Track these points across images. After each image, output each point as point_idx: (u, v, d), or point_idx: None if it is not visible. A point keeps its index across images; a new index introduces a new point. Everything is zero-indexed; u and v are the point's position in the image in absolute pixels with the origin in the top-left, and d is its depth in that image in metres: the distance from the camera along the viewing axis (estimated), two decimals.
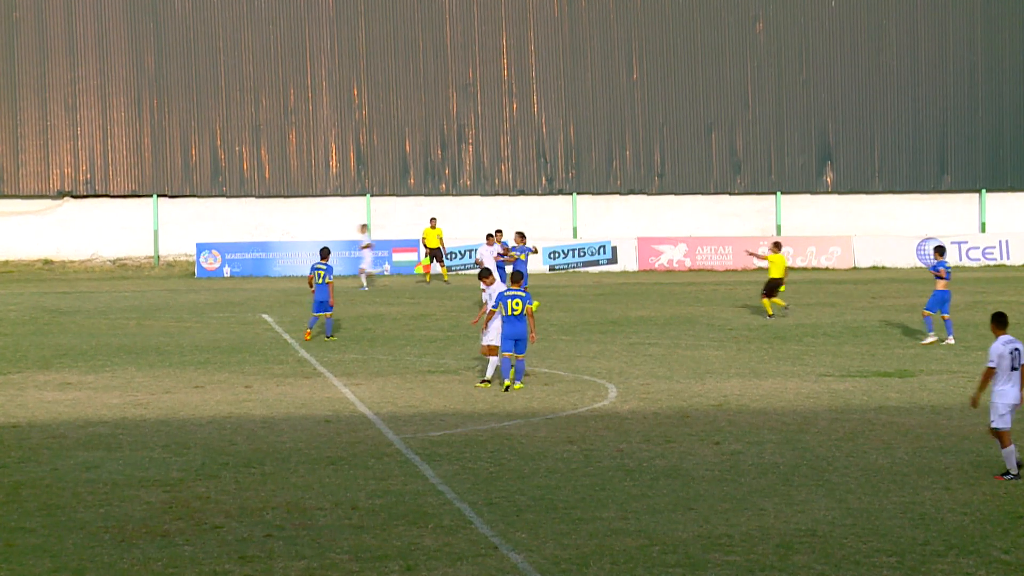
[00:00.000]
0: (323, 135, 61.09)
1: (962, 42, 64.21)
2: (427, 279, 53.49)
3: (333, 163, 61.15)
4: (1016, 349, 18.47)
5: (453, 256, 57.32)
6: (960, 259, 61.13)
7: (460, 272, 56.68)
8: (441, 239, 54.14)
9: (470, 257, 57.08)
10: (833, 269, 60.04)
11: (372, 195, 61.43)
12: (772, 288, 39.44)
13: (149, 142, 60.26)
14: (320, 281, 34.54)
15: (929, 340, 33.42)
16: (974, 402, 18.79)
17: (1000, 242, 61.94)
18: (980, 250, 61.60)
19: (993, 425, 18.60)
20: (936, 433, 21.92)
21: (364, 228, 54.35)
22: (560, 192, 62.44)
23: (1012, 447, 18.57)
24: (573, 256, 59.81)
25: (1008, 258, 61.59)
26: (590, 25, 62.40)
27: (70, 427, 22.78)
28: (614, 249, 60.00)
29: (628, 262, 59.96)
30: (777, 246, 40.80)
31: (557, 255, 59.40)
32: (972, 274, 56.44)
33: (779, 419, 23.24)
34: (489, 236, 44.02)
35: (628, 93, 62.56)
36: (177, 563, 14.82)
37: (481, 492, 18.00)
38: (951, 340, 33.32)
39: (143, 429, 22.61)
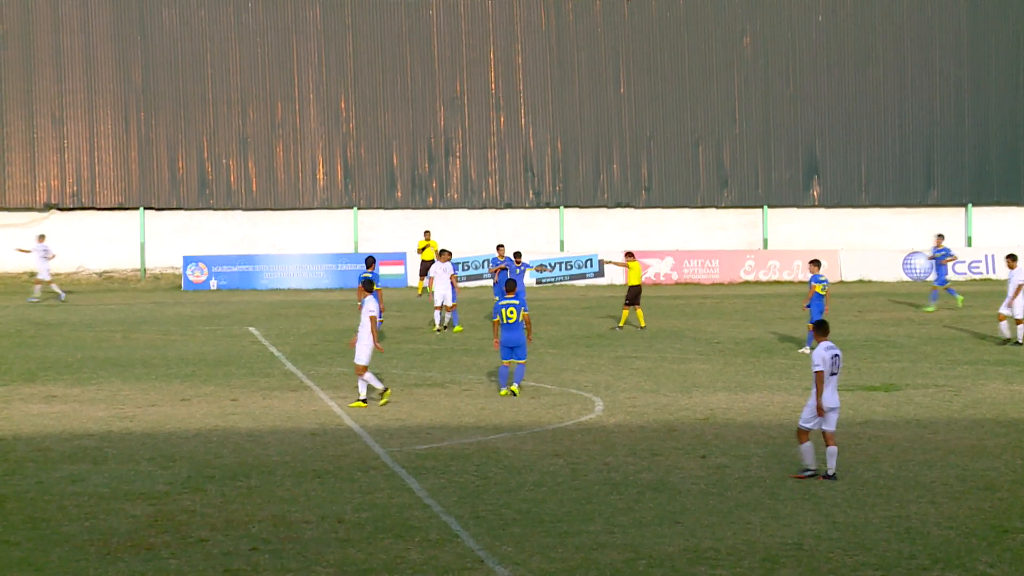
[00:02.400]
0: (310, 148, 61.06)
1: (948, 57, 64.39)
2: (419, 291, 53.34)
3: (320, 176, 61.12)
4: (836, 355, 19.47)
5: None
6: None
7: None
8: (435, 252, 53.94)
9: (462, 270, 56.98)
10: None
11: (359, 208, 61.40)
12: (633, 296, 40.35)
13: (136, 155, 60.18)
14: None
15: (806, 350, 34.35)
16: (819, 410, 19.37)
17: (986, 256, 62.05)
18: (966, 264, 61.70)
19: (805, 426, 19.40)
20: (922, 447, 21.95)
21: (42, 238, 53.21)
22: (547, 205, 62.46)
23: (809, 444, 19.46)
24: (560, 269, 59.81)
25: (994, 272, 61.68)
26: (577, 38, 62.48)
27: (55, 440, 22.73)
28: (601, 262, 60.02)
29: (615, 275, 59.98)
30: (630, 255, 41.95)
31: (544, 268, 59.33)
32: (958, 288, 56.47)
33: (765, 433, 23.26)
34: (442, 253, 41.62)
35: (615, 106, 62.63)
36: None
37: (467, 505, 17.99)
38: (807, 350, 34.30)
39: (129, 442, 22.56)
